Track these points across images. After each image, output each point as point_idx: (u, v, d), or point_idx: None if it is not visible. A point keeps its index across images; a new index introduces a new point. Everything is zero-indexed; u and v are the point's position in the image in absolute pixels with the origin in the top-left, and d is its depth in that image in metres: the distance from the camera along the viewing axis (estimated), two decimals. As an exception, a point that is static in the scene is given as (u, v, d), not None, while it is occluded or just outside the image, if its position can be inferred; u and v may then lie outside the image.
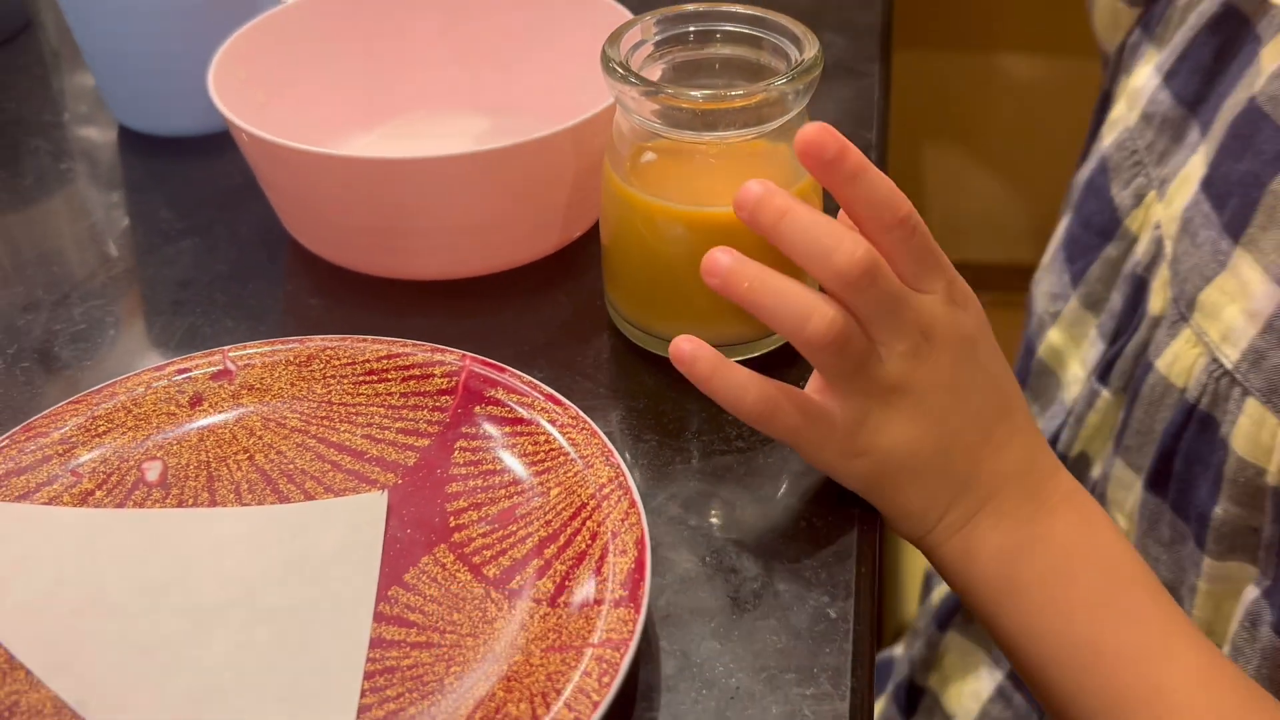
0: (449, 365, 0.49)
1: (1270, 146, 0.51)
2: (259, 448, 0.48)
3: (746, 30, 0.52)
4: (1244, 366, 0.50)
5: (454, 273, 0.58)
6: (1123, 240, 0.63)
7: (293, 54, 0.64)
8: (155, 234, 0.63)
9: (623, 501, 0.44)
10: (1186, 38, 0.60)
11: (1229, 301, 0.51)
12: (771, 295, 0.43)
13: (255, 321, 0.57)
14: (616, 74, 0.49)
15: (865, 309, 0.43)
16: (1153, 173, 0.61)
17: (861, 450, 0.46)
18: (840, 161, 0.42)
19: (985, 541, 0.47)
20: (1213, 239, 0.53)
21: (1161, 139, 0.61)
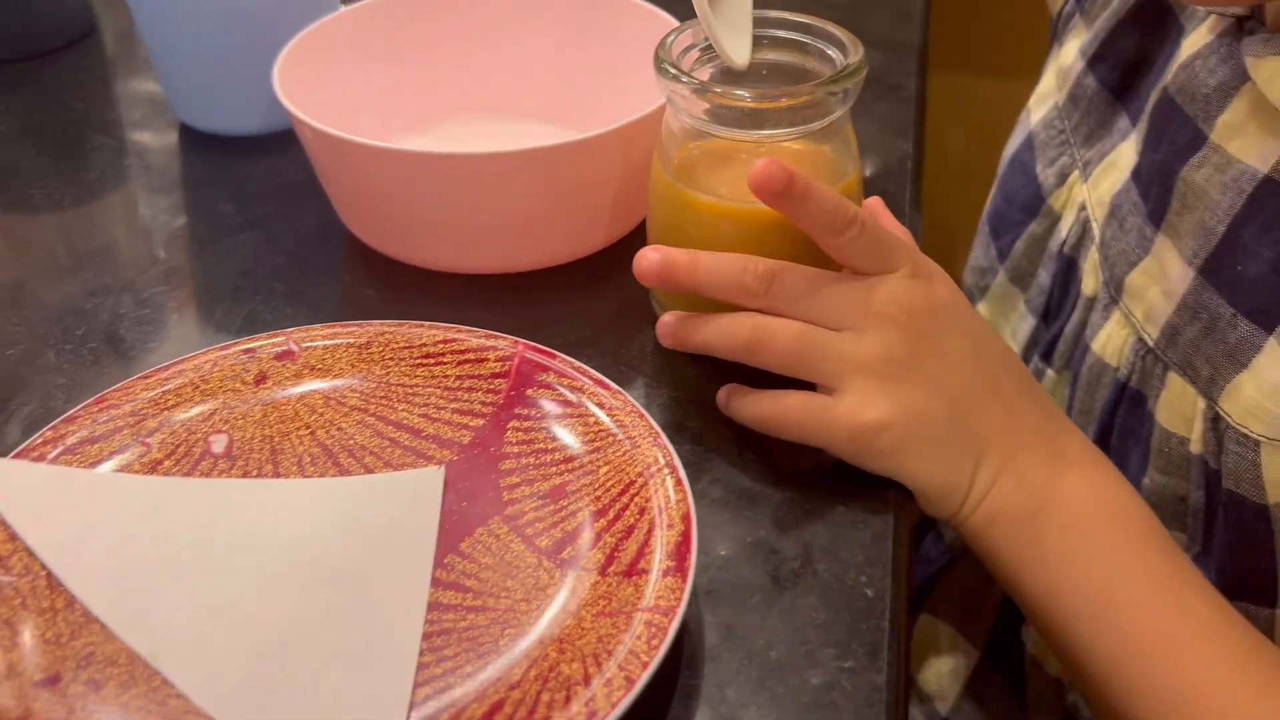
0: (503, 350, 0.52)
1: (1180, 136, 0.53)
2: (320, 424, 0.50)
3: (793, 36, 0.54)
4: (1163, 342, 0.53)
5: (504, 267, 0.60)
6: (1046, 218, 0.65)
7: (351, 57, 0.66)
8: (216, 227, 0.65)
9: (669, 480, 0.46)
10: (1109, 24, 0.62)
11: (1151, 283, 0.54)
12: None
13: (313, 310, 0.59)
14: (669, 73, 0.51)
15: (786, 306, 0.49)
16: (1077, 154, 0.63)
17: (871, 428, 0.48)
18: (790, 189, 0.48)
19: (1008, 503, 0.49)
20: (1139, 226, 0.56)
21: (1087, 122, 0.63)
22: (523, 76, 0.70)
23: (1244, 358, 0.48)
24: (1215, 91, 0.52)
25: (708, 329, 0.51)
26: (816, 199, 0.49)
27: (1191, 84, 0.53)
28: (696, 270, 0.50)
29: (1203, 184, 0.51)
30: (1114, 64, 0.62)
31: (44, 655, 0.41)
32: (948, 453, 0.49)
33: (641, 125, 0.57)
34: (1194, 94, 0.53)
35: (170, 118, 0.75)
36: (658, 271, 0.50)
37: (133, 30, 0.85)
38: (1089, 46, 0.64)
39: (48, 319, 0.59)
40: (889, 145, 0.70)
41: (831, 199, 0.49)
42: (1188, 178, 0.52)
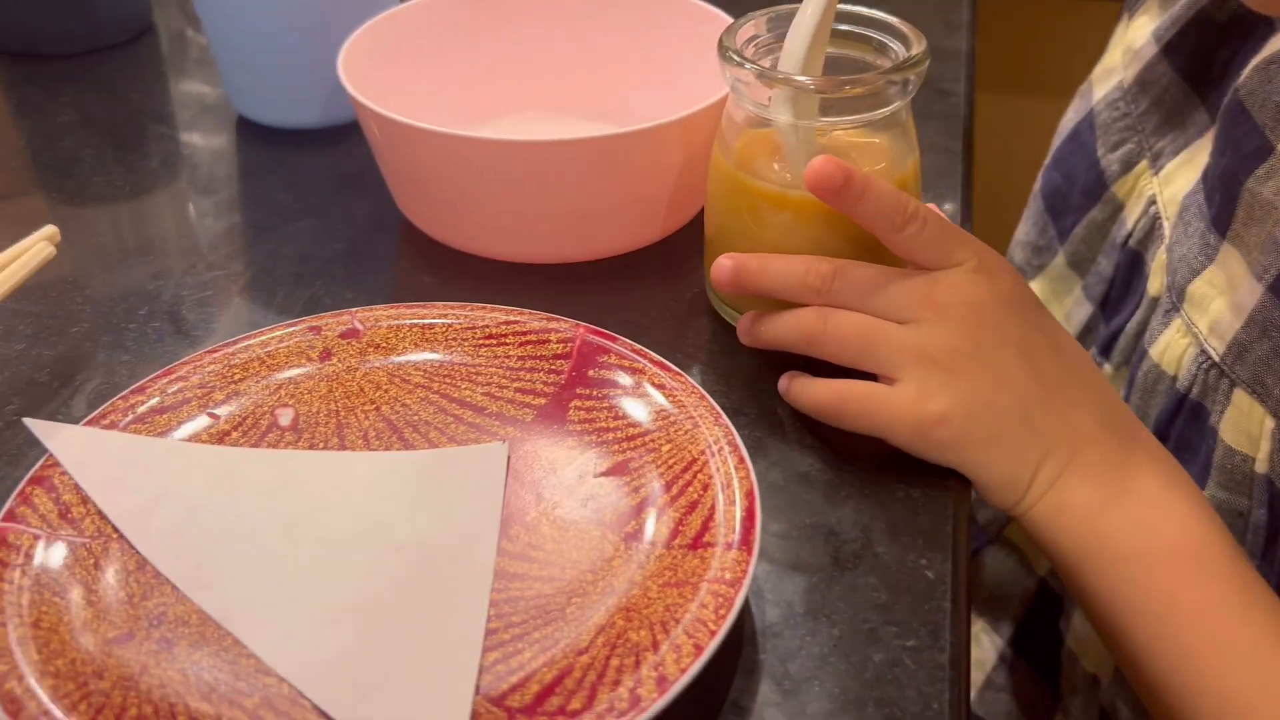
0: (564, 332, 0.52)
1: (1248, 143, 0.52)
2: (385, 400, 0.50)
3: (854, 29, 0.55)
4: (1230, 358, 0.52)
5: (562, 257, 0.61)
6: (1108, 205, 0.64)
7: (413, 50, 0.67)
8: (275, 214, 0.66)
9: (731, 458, 0.46)
10: (1188, 13, 0.60)
11: (1216, 294, 0.53)
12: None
13: (373, 295, 0.60)
14: (733, 60, 0.52)
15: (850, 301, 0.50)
16: (1146, 142, 0.62)
17: (931, 419, 0.48)
18: (848, 186, 0.49)
19: (1073, 497, 0.49)
20: (1202, 231, 0.54)
21: (1158, 110, 0.62)
22: (582, 73, 0.71)
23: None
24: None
25: (777, 323, 0.52)
26: (875, 195, 0.49)
27: (1264, 89, 0.52)
28: (766, 273, 0.52)
29: (1271, 197, 0.50)
30: (1194, 54, 0.60)
31: (118, 613, 0.41)
32: (1010, 446, 0.49)
33: (701, 117, 0.58)
34: (1265, 100, 0.52)
35: (225, 114, 0.76)
36: (730, 278, 0.52)
37: (185, 32, 0.87)
38: (1164, 31, 0.62)
39: (111, 299, 0.60)
40: (940, 147, 0.71)
41: (890, 195, 0.49)
42: (1254, 189, 0.51)
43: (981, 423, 0.48)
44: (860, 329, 0.50)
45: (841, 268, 0.51)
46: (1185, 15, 0.61)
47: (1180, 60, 0.61)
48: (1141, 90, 0.63)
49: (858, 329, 0.50)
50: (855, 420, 0.50)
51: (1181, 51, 0.61)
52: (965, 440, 0.48)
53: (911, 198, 0.50)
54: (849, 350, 0.50)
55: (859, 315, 0.50)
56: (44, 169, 0.71)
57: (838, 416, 0.51)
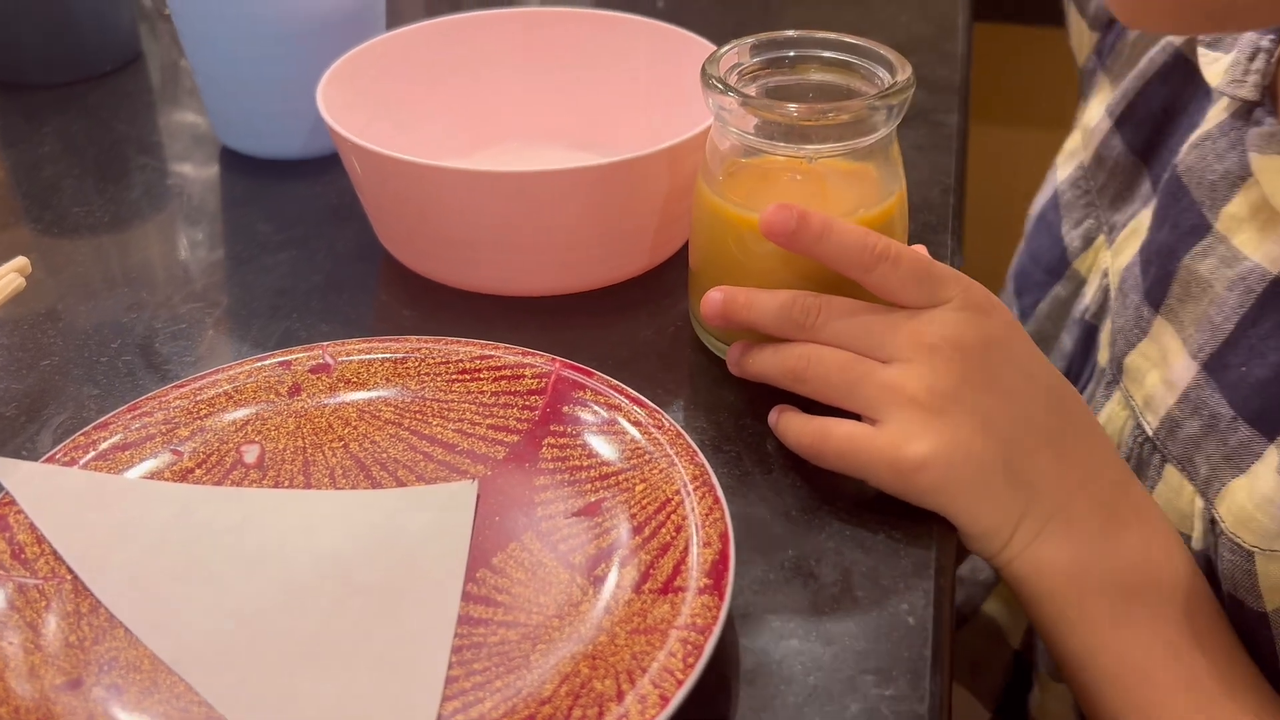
0: (539, 367, 0.51)
1: (1185, 220, 0.51)
2: (353, 436, 0.49)
3: (840, 56, 0.54)
4: (1162, 434, 0.50)
5: (545, 290, 0.60)
6: (1071, 281, 0.63)
7: (394, 81, 0.66)
8: (254, 245, 0.65)
9: (707, 498, 0.45)
10: (1136, 85, 0.60)
11: (1151, 368, 0.52)
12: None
13: (349, 328, 0.59)
14: (717, 88, 0.51)
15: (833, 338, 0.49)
16: (1103, 217, 0.61)
17: (912, 463, 0.46)
18: (803, 229, 0.48)
19: (1054, 557, 0.47)
20: (1136, 304, 0.54)
21: (1113, 183, 0.61)
22: (566, 103, 0.70)
23: (1243, 463, 0.46)
24: (1221, 179, 0.50)
25: (763, 358, 0.51)
26: (836, 237, 0.48)
27: (1199, 166, 0.52)
28: (752, 307, 0.50)
29: (1207, 275, 0.49)
30: (1139, 124, 0.60)
31: (67, 659, 0.40)
32: (992, 494, 0.47)
33: (687, 146, 0.57)
34: (1200, 178, 0.51)
35: (211, 144, 0.75)
36: (718, 311, 0.51)
37: (176, 61, 0.86)
38: (1115, 105, 0.62)
39: (84, 332, 0.58)
40: (932, 178, 0.70)
41: (854, 236, 0.48)
42: (1190, 266, 0.50)
43: (963, 470, 0.46)
44: (843, 367, 0.49)
45: (827, 303, 0.49)
46: (1133, 88, 0.61)
47: (1128, 131, 0.61)
48: (1098, 165, 0.63)
49: (840, 367, 0.49)
50: (835, 461, 0.49)
51: (1129, 122, 0.61)
52: (945, 487, 0.47)
53: (881, 237, 0.48)
54: (832, 389, 0.49)
55: (843, 353, 0.49)
56: (25, 199, 0.70)
57: (818, 456, 0.49)
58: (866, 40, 0.54)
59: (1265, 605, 0.46)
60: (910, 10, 0.89)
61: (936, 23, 0.88)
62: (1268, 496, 0.45)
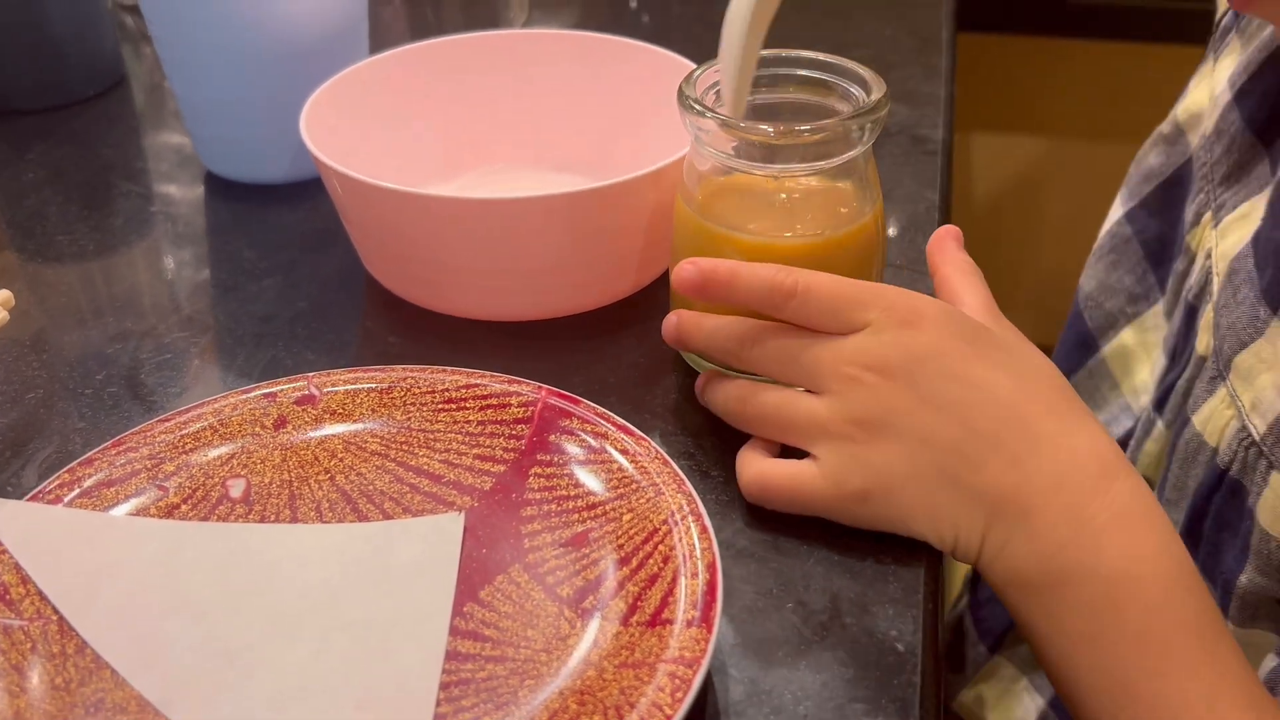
0: (525, 396, 0.51)
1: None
2: (340, 469, 0.49)
3: (816, 75, 0.54)
4: (1270, 439, 0.49)
5: (529, 315, 0.60)
6: (1185, 256, 0.61)
7: (378, 106, 0.66)
8: (238, 272, 0.65)
9: (694, 528, 0.45)
10: (1259, 57, 0.57)
11: (1264, 369, 0.50)
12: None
13: (335, 355, 0.59)
14: (693, 109, 0.51)
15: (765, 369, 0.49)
16: (1213, 193, 0.59)
17: (854, 498, 0.46)
18: (710, 282, 0.49)
19: (1024, 564, 0.45)
20: (1252, 301, 0.51)
21: (1227, 160, 0.58)
22: (550, 126, 0.70)
23: None
24: None
25: (715, 395, 0.52)
26: (744, 283, 0.49)
27: None
28: (699, 333, 0.51)
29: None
30: (1260, 100, 0.57)
31: (52, 701, 0.40)
32: (945, 513, 0.46)
33: (670, 170, 0.57)
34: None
35: (196, 168, 0.75)
36: (674, 335, 0.52)
37: (161, 83, 0.86)
38: (1238, 76, 0.59)
39: (68, 364, 0.58)
40: (916, 196, 0.70)
41: (761, 279, 0.48)
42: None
43: (905, 494, 0.46)
44: (776, 404, 0.49)
45: (758, 335, 0.49)
46: (1257, 59, 0.58)
47: (1249, 108, 0.58)
48: (1216, 139, 0.60)
49: (775, 404, 0.49)
50: (782, 505, 0.49)
51: (1250, 98, 0.58)
52: (895, 514, 0.47)
53: (791, 273, 0.48)
54: (769, 427, 0.49)
55: (776, 390, 0.49)
56: (10, 227, 0.70)
57: (763, 500, 0.49)
58: (841, 58, 0.54)
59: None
60: (893, 23, 0.89)
61: (920, 36, 0.88)
62: None
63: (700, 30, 0.90)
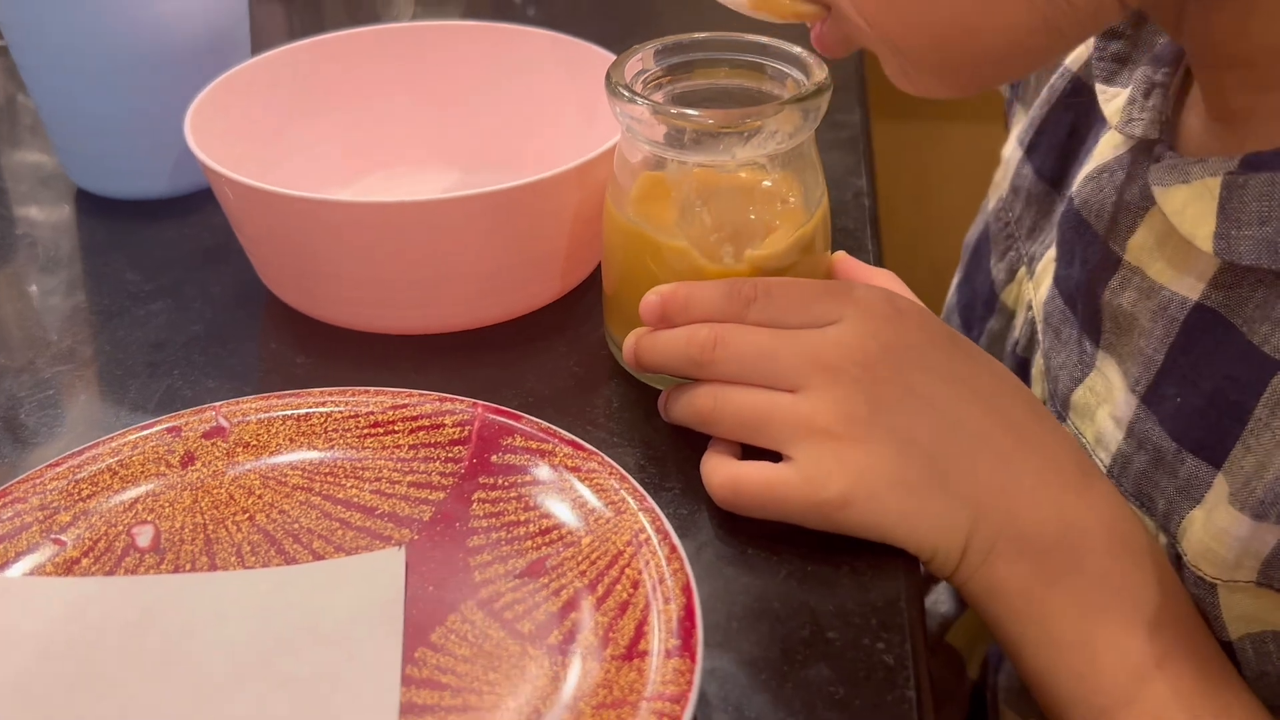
0: (460, 414, 0.47)
1: (1092, 254, 0.50)
2: (259, 507, 0.44)
3: (750, 58, 0.51)
4: (1116, 470, 0.48)
5: (450, 326, 0.55)
6: (1001, 315, 0.62)
7: (267, 108, 0.61)
8: (123, 296, 0.59)
9: (663, 547, 0.41)
10: (1041, 111, 0.60)
11: (1099, 403, 0.50)
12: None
13: (239, 382, 0.54)
14: (623, 95, 0.47)
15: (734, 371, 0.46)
16: (1023, 248, 0.60)
17: (834, 503, 0.43)
18: (670, 307, 0.47)
19: (1010, 575, 0.44)
20: (1075, 339, 0.52)
21: (1029, 214, 0.60)
22: (453, 123, 0.66)
23: (1195, 493, 0.44)
24: (1123, 211, 0.49)
25: (678, 403, 0.48)
26: (700, 298, 0.47)
27: (1097, 200, 0.50)
28: (655, 349, 0.48)
29: (1130, 308, 0.48)
30: (1047, 152, 0.59)
31: (-52, 799, 0.35)
32: (929, 516, 0.44)
33: (598, 164, 0.53)
34: (1100, 211, 0.50)
35: (63, 186, 0.69)
36: (633, 357, 0.49)
37: (16, 95, 0.79)
38: (1025, 134, 0.61)
39: (-65, 407, 0.52)
40: (843, 183, 0.67)
41: (716, 289, 0.47)
42: (1112, 300, 0.49)
43: (889, 498, 0.43)
44: (750, 404, 0.45)
45: (723, 335, 0.46)
46: (1039, 115, 0.60)
47: (1037, 159, 0.60)
48: (1014, 196, 0.62)
49: (748, 404, 0.46)
50: (755, 511, 0.45)
51: (1038, 151, 0.60)
52: (876, 520, 0.44)
53: (743, 280, 0.47)
54: (742, 429, 0.46)
55: (750, 390, 0.46)
56: None
57: (735, 506, 0.46)
58: (776, 40, 0.51)
59: (1230, 635, 0.44)
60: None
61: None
62: (1223, 528, 0.43)
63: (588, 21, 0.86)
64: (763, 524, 0.46)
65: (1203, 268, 0.45)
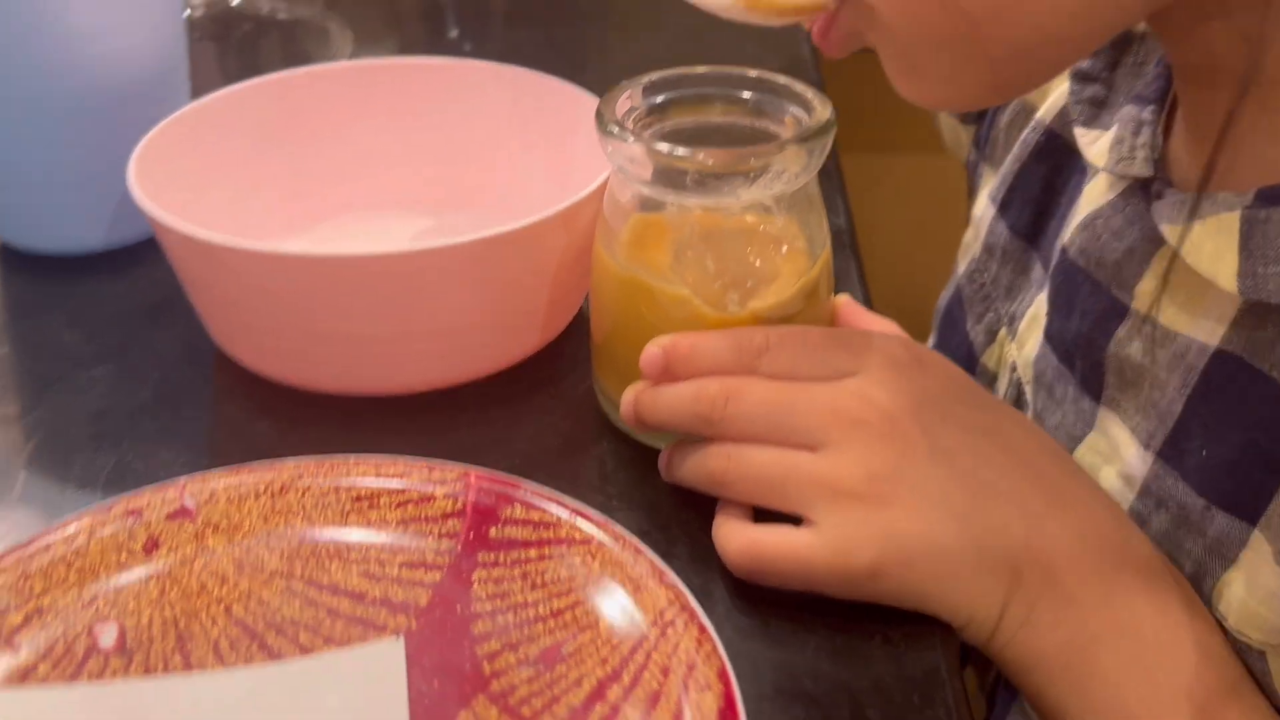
0: (451, 483, 0.43)
1: (1094, 305, 0.48)
2: (236, 597, 0.40)
3: (746, 94, 0.48)
4: None
5: (423, 385, 0.51)
6: (981, 378, 0.59)
7: (218, 150, 0.57)
8: (59, 361, 0.54)
9: (691, 627, 0.37)
10: (1014, 167, 0.58)
11: (1103, 463, 0.48)
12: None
13: (195, 453, 0.49)
14: (613, 133, 0.44)
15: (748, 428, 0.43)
16: (1002, 308, 0.58)
17: (864, 572, 0.40)
18: (673, 359, 0.44)
19: (1050, 641, 0.41)
20: (1073, 397, 0.50)
21: (1005, 272, 0.59)
22: (409, 165, 0.62)
23: (1229, 552, 0.42)
24: (1126, 257, 0.47)
25: (685, 463, 0.45)
26: (706, 348, 0.44)
27: (1095, 247, 0.48)
28: (658, 406, 0.44)
29: (1140, 359, 0.46)
30: (1021, 207, 0.57)
31: None
32: (965, 583, 0.41)
33: (583, 207, 0.49)
34: (1100, 259, 0.48)
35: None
36: (632, 415, 0.45)
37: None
38: (997, 192, 0.59)
39: None
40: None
41: (722, 340, 0.44)
42: (1119, 352, 0.47)
43: (924, 565, 0.40)
44: (767, 464, 0.42)
45: (735, 389, 0.43)
46: (1011, 171, 0.58)
47: (1011, 217, 0.58)
48: (989, 255, 0.60)
49: (765, 464, 0.42)
50: (776, 580, 0.42)
51: (1011, 207, 0.58)
52: (908, 589, 0.41)
53: (752, 330, 0.44)
54: (758, 491, 0.43)
55: (765, 449, 0.43)
56: None
57: (754, 576, 0.42)
58: (774, 75, 0.48)
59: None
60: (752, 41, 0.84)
61: (784, 54, 0.83)
62: (1272, 590, 0.40)
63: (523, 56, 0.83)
64: (781, 592, 0.43)
65: (1222, 309, 0.43)
